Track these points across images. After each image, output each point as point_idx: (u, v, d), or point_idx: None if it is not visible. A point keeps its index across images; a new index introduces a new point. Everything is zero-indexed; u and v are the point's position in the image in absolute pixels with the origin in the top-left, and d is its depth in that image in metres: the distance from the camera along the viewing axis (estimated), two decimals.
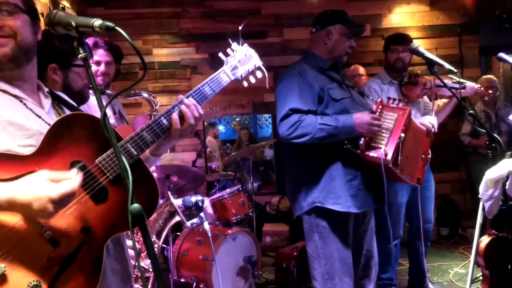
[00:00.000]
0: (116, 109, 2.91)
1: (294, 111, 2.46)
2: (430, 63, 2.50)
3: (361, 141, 2.45)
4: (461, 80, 3.40)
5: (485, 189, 2.51)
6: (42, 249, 1.23)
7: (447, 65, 2.46)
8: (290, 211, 2.76)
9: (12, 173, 1.20)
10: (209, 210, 3.99)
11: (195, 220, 3.41)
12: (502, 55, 2.86)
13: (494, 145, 2.45)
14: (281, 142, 2.60)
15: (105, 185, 1.33)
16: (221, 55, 1.72)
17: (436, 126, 3.14)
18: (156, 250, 3.25)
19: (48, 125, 1.34)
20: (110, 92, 2.61)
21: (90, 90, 1.95)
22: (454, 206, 5.46)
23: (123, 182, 1.12)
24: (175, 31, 5.34)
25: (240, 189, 4.08)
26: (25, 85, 1.39)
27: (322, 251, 2.55)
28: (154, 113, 2.54)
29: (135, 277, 1.61)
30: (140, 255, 2.95)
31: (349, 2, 5.35)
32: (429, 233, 3.71)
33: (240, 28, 1.83)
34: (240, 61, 1.71)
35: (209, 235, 3.26)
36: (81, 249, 1.27)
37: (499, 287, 2.81)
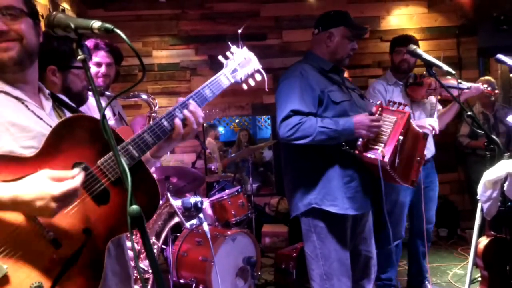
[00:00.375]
0: (115, 110, 2.92)
1: (295, 113, 2.46)
2: (428, 65, 2.51)
3: (359, 142, 2.46)
4: (462, 81, 3.41)
5: (484, 190, 2.51)
6: (44, 250, 1.23)
7: (446, 67, 2.46)
8: (289, 212, 2.76)
9: (14, 174, 1.21)
10: (209, 211, 4.00)
11: (195, 221, 3.42)
12: (500, 56, 2.87)
13: (492, 146, 2.46)
14: (280, 142, 2.61)
15: (106, 187, 1.33)
16: (220, 58, 1.73)
17: (437, 128, 3.14)
18: (155, 251, 3.25)
19: (49, 126, 1.34)
20: (109, 93, 2.63)
21: (89, 91, 1.96)
22: (453, 207, 5.47)
23: None
24: (174, 33, 5.35)
25: (239, 190, 4.09)
26: (26, 87, 1.40)
27: (320, 251, 2.55)
28: (153, 114, 2.56)
29: (135, 278, 1.61)
30: (139, 256, 2.96)
31: (348, 4, 5.36)
32: (430, 234, 3.71)
33: (239, 31, 1.85)
34: (239, 64, 1.73)
35: (209, 236, 3.27)
36: (82, 250, 1.28)
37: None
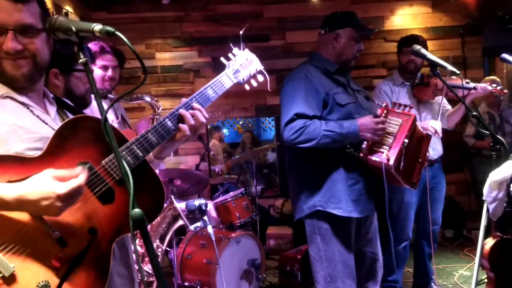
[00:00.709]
0: (118, 113, 2.91)
1: (299, 116, 2.45)
2: (432, 65, 2.49)
3: (364, 145, 2.44)
4: (469, 82, 3.39)
5: (489, 191, 2.49)
6: (50, 249, 1.24)
7: (450, 67, 2.44)
8: (293, 214, 2.75)
9: (20, 175, 1.22)
10: (213, 213, 3.99)
11: (199, 224, 3.41)
12: (505, 56, 2.85)
13: (498, 146, 2.44)
14: (284, 145, 2.60)
15: (111, 186, 1.34)
16: (222, 59, 1.73)
17: (440, 131, 3.12)
18: (159, 254, 3.24)
19: (54, 131, 1.35)
20: (112, 96, 2.63)
21: (92, 94, 1.96)
22: (458, 207, 5.44)
23: None
24: (178, 35, 5.35)
25: (243, 192, 4.08)
26: (32, 93, 1.42)
27: (324, 254, 2.54)
28: (156, 116, 2.55)
29: (139, 281, 1.61)
30: (144, 259, 2.95)
31: (352, 4, 5.35)
32: (436, 235, 3.68)
33: (241, 32, 1.85)
34: (242, 65, 1.74)
35: (213, 239, 3.26)
36: (88, 250, 1.28)
37: None
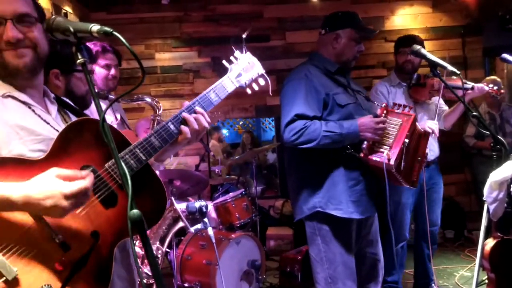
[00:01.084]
0: (117, 114, 2.91)
1: (299, 117, 2.44)
2: (432, 65, 2.48)
3: (364, 145, 2.44)
4: (467, 82, 3.38)
5: (490, 192, 2.48)
6: (53, 253, 1.24)
7: (450, 67, 2.43)
8: (293, 214, 2.74)
9: (23, 177, 1.21)
10: (213, 214, 3.99)
11: (199, 225, 3.40)
12: (505, 56, 2.84)
13: (498, 147, 2.43)
14: (284, 145, 2.59)
15: (114, 190, 1.34)
16: (225, 62, 1.74)
17: (436, 131, 3.11)
18: (159, 256, 3.23)
19: (55, 130, 1.36)
20: (113, 96, 2.62)
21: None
22: (459, 208, 5.43)
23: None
24: (177, 35, 5.35)
25: (243, 193, 4.07)
26: (33, 91, 1.41)
27: (325, 255, 2.53)
28: (157, 118, 2.53)
29: (138, 283, 1.60)
30: (144, 261, 2.94)
31: (352, 4, 5.35)
32: (435, 236, 3.68)
33: (244, 36, 1.84)
34: (244, 69, 1.74)
35: (213, 241, 3.24)
36: (91, 254, 1.28)
37: None
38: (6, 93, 1.34)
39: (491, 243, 2.79)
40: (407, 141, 2.43)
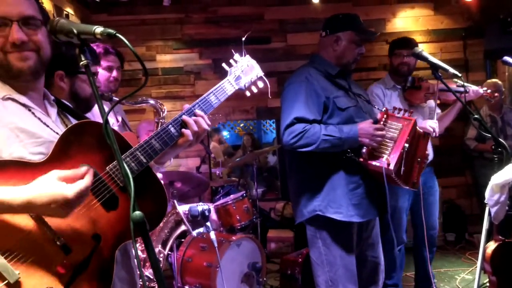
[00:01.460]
0: (119, 116, 2.91)
1: (299, 120, 2.44)
2: (434, 68, 2.48)
3: (364, 150, 2.43)
4: (466, 84, 3.38)
5: (491, 194, 2.48)
6: (55, 256, 1.24)
7: (452, 70, 2.43)
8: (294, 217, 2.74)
9: (24, 181, 1.21)
10: (213, 216, 3.98)
11: (201, 229, 3.39)
12: (507, 58, 2.84)
13: (500, 149, 2.43)
14: (284, 148, 2.59)
15: (115, 193, 1.34)
16: (224, 65, 1.75)
17: (437, 130, 3.11)
18: (161, 259, 3.22)
19: (55, 133, 1.36)
20: (116, 99, 2.61)
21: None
22: (460, 211, 5.42)
23: None
24: (178, 37, 5.35)
25: (244, 195, 4.06)
26: (34, 94, 1.41)
27: (325, 258, 2.53)
28: (161, 120, 2.52)
29: (140, 286, 1.60)
30: (146, 264, 2.93)
31: (354, 6, 5.36)
32: (434, 239, 3.67)
33: (243, 39, 1.85)
34: (243, 71, 1.75)
35: (215, 245, 3.23)
36: (92, 256, 1.28)
37: None
38: (6, 96, 1.34)
39: (492, 246, 2.79)
40: (407, 145, 2.42)
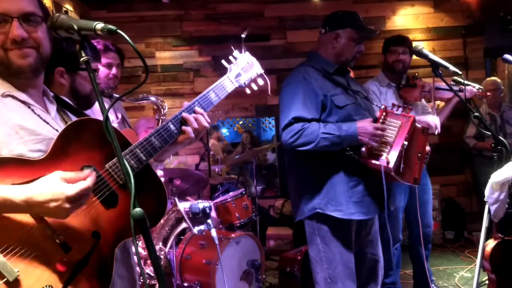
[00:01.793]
0: (118, 113, 2.90)
1: (297, 120, 2.43)
2: (434, 65, 2.48)
3: (363, 148, 2.43)
4: (466, 82, 3.37)
5: (491, 192, 2.47)
6: (54, 254, 1.23)
7: (452, 67, 2.43)
8: (293, 215, 2.74)
9: (23, 178, 1.21)
10: (213, 213, 3.98)
11: (202, 227, 3.38)
12: (507, 56, 2.83)
13: (499, 147, 2.42)
14: (284, 147, 2.58)
15: (115, 190, 1.34)
16: (224, 62, 1.74)
17: (439, 126, 3.11)
18: (162, 257, 3.22)
19: (55, 130, 1.35)
20: (117, 95, 2.60)
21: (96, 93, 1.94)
22: (459, 209, 5.43)
23: None
24: (178, 34, 5.34)
25: (243, 192, 4.06)
26: (33, 91, 1.41)
27: (324, 255, 2.53)
28: (162, 117, 2.51)
29: (141, 284, 1.60)
30: (146, 261, 2.93)
31: (353, 3, 5.34)
32: (429, 237, 3.68)
33: (243, 36, 1.84)
34: (243, 69, 1.74)
35: (217, 242, 3.23)
36: (92, 254, 1.28)
37: None
38: (5, 93, 1.34)
39: (492, 244, 2.79)
40: (406, 143, 2.41)
